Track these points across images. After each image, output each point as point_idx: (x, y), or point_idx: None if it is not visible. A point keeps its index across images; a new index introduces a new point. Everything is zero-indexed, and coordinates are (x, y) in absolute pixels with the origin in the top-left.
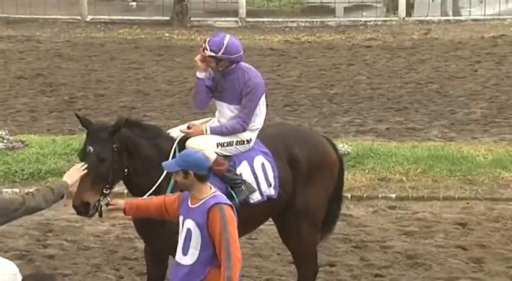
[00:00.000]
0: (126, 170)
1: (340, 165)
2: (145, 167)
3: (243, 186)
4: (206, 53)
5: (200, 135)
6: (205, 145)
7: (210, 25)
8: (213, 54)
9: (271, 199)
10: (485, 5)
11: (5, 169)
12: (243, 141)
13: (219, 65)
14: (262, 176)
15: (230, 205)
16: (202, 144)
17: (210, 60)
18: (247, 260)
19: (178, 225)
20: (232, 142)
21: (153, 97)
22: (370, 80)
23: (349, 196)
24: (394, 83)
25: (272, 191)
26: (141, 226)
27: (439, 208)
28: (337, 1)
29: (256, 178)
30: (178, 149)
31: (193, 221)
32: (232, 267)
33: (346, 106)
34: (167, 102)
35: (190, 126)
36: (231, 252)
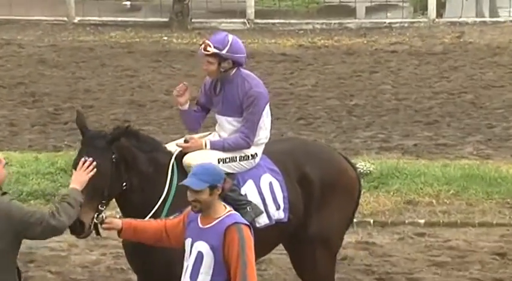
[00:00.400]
0: (124, 184)
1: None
2: (140, 183)
3: (248, 208)
4: (209, 51)
5: (199, 150)
6: (205, 161)
7: (213, 27)
8: (217, 51)
9: (281, 223)
10: None
11: None
12: (248, 156)
13: (221, 66)
14: (269, 197)
15: (248, 225)
16: (202, 160)
17: (211, 61)
18: None
19: (179, 251)
20: (235, 157)
21: (149, 109)
22: (395, 89)
23: (372, 221)
24: (423, 93)
25: (281, 214)
26: (133, 254)
27: (474, 236)
28: (358, 0)
29: (263, 199)
30: (176, 166)
31: (207, 243)
32: None
33: (368, 119)
34: (165, 114)
35: (187, 140)
36: (247, 276)
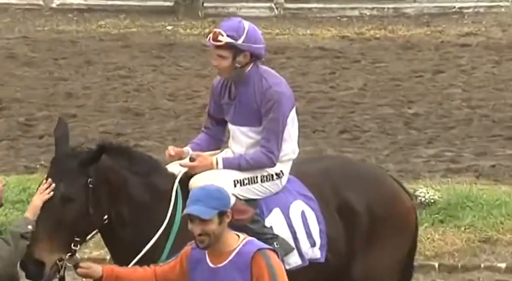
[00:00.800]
0: (105, 217)
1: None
2: (133, 215)
3: (275, 243)
4: (221, 41)
5: (209, 171)
6: (218, 184)
7: (231, 14)
8: (231, 41)
9: (316, 263)
10: None
11: None
12: (271, 176)
13: (236, 61)
14: (302, 231)
15: (273, 250)
16: (213, 182)
17: (224, 54)
18: None
19: None
20: (256, 177)
21: (149, 119)
22: (467, 94)
23: (437, 265)
24: (504, 98)
25: (317, 252)
26: None
27: None
28: None
29: (293, 233)
30: (181, 191)
31: None
32: None
33: (431, 133)
34: (169, 126)
35: (194, 159)
36: None
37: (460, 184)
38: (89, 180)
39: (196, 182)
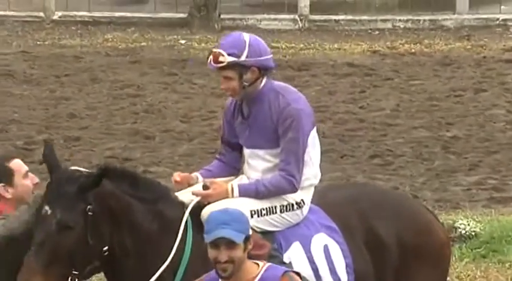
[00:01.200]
0: (105, 248)
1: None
2: (137, 246)
3: None
4: (223, 61)
5: (224, 200)
6: None
7: (251, 26)
8: (234, 59)
9: None
10: None
11: None
12: (291, 205)
13: (244, 79)
14: (325, 267)
15: (298, 273)
16: None
17: (229, 75)
18: None
19: None
20: (275, 207)
21: (160, 142)
22: None
23: None
24: None
25: None
26: None
27: None
28: None
29: (315, 270)
30: (191, 222)
31: None
32: None
33: (472, 158)
34: (182, 150)
35: (208, 186)
36: None
37: (504, 215)
38: (88, 207)
39: (210, 211)
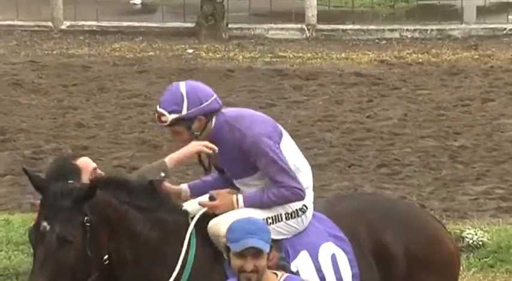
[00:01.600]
0: (105, 258)
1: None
2: (136, 254)
3: None
4: (165, 121)
5: (230, 211)
6: None
7: (258, 36)
8: (176, 116)
9: None
10: None
11: None
12: (295, 212)
13: (193, 129)
14: (332, 276)
15: None
16: None
17: (178, 129)
18: None
19: None
20: (280, 215)
21: (168, 152)
22: None
23: None
24: None
25: None
26: None
27: None
28: None
29: (322, 279)
30: (195, 231)
31: None
32: None
33: (479, 168)
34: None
35: (214, 197)
36: None
37: None
38: (86, 218)
39: (217, 224)
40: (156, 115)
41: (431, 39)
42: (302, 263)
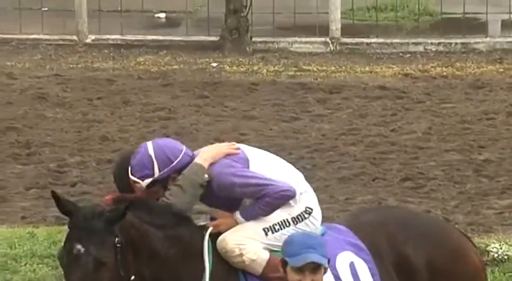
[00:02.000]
0: (133, 278)
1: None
2: (154, 274)
3: None
4: (141, 187)
5: (235, 227)
6: (249, 239)
7: (282, 49)
8: (149, 180)
9: None
10: None
11: None
12: (302, 215)
13: (169, 187)
14: None
15: None
16: (243, 238)
17: (154, 190)
18: None
19: None
20: (287, 220)
21: None
22: None
23: None
24: None
25: None
26: None
27: None
28: (490, 11)
29: None
30: (211, 247)
31: None
32: None
33: (504, 181)
34: None
35: (214, 217)
36: None
37: None
38: (117, 239)
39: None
40: (131, 182)
41: (456, 52)
42: None
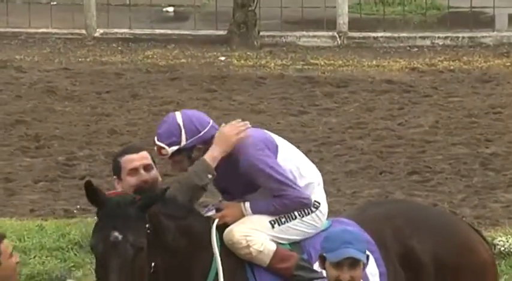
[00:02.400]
0: (153, 265)
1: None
2: (165, 264)
3: None
4: (166, 153)
5: (241, 219)
6: (255, 230)
7: (290, 43)
8: (176, 147)
9: None
10: None
11: None
12: (309, 209)
13: (193, 158)
14: None
15: None
16: (250, 230)
17: (177, 159)
18: None
19: None
20: (293, 213)
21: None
22: None
23: None
24: None
25: None
26: None
27: None
28: (497, 5)
29: None
30: (219, 238)
31: None
32: None
33: (511, 175)
34: None
35: (220, 208)
36: None
37: None
38: (147, 225)
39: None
40: (156, 148)
41: (463, 46)
42: None
